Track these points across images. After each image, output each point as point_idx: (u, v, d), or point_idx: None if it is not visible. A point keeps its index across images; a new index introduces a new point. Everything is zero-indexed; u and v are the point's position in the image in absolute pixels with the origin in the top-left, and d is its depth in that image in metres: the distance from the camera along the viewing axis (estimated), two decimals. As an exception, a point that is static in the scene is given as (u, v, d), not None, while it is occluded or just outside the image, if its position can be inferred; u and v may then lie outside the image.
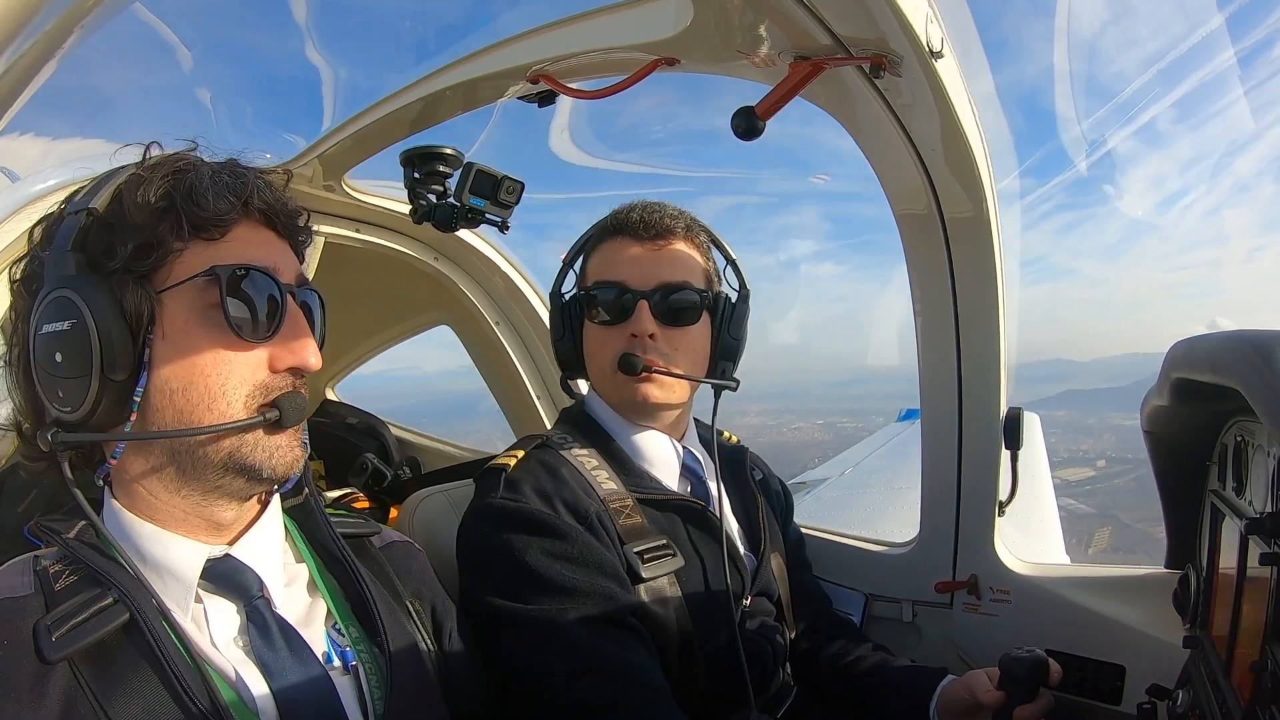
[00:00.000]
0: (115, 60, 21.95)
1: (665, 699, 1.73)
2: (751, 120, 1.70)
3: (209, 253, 1.27)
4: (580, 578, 1.75)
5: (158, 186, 1.25)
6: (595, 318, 2.07)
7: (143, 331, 1.23)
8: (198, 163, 1.31)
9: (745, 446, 2.45)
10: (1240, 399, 1.30)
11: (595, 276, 2.09)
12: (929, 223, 2.16)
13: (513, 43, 2.05)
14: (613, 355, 2.00)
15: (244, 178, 1.32)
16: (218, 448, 1.25)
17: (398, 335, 4.34)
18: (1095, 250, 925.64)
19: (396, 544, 1.67)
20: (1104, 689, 2.14)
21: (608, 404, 2.11)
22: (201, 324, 1.25)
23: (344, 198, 2.85)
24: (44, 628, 1.14)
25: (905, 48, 1.65)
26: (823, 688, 2.23)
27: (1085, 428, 73.40)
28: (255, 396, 1.27)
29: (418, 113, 2.30)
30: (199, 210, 1.25)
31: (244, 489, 1.31)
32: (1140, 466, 18.46)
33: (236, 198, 1.29)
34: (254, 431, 1.27)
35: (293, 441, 1.33)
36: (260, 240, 1.34)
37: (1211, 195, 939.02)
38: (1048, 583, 2.34)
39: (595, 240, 2.14)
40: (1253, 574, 1.44)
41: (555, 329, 2.16)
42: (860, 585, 2.69)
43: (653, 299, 2.01)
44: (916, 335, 2.38)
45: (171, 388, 1.23)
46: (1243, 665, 1.41)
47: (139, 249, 1.23)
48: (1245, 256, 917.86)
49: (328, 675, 1.31)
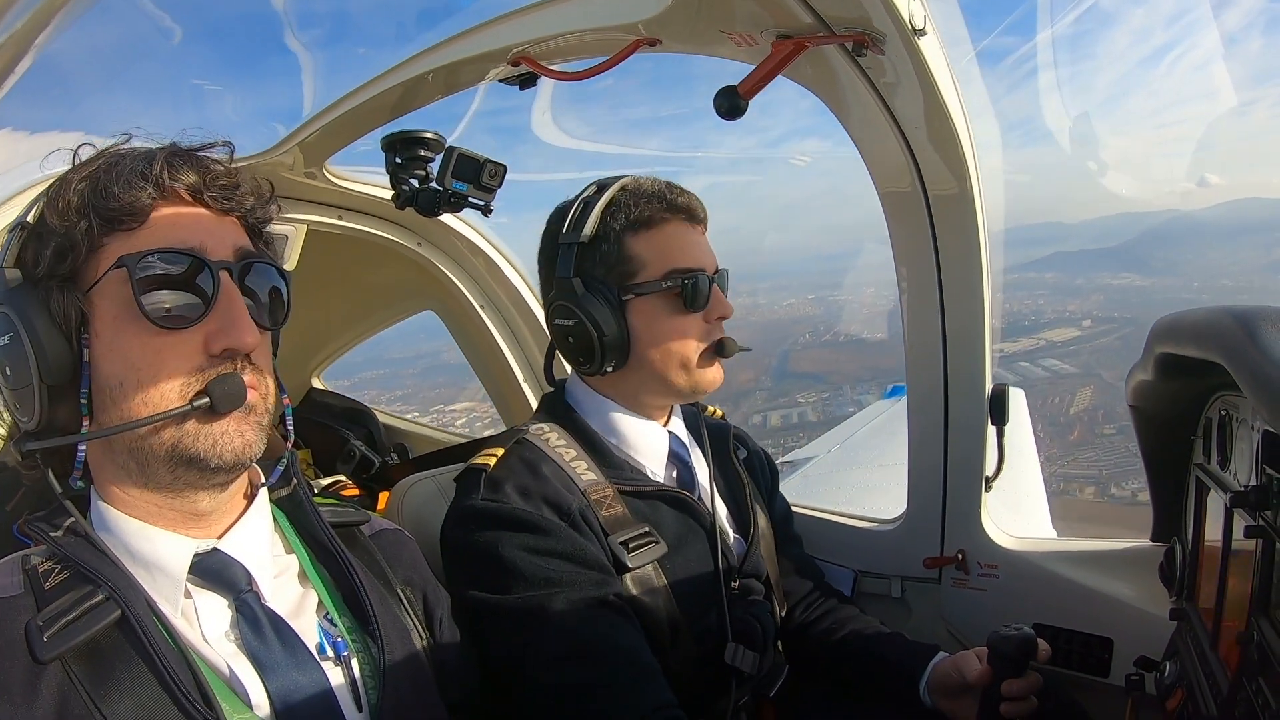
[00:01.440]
0: (92, 53, 21.70)
1: (655, 676, 1.74)
2: (734, 100, 1.69)
3: (127, 243, 1.24)
4: (564, 569, 1.75)
5: (75, 188, 1.24)
6: (688, 305, 1.98)
7: (75, 334, 1.22)
8: (121, 155, 1.29)
9: (729, 423, 2.45)
10: (1224, 373, 1.31)
11: (672, 263, 1.97)
12: (913, 200, 2.15)
13: (493, 25, 2.03)
14: (700, 342, 1.99)
15: (153, 159, 1.27)
16: (159, 440, 1.23)
17: (383, 321, 4.33)
18: (1082, 108, 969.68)
19: (386, 532, 1.67)
20: (1092, 661, 2.17)
21: (613, 396, 2.08)
22: (129, 318, 1.22)
23: (326, 184, 2.83)
24: (35, 627, 1.13)
25: (888, 25, 1.64)
26: (815, 665, 2.24)
27: (1073, 289, 73.48)
28: (191, 384, 1.23)
29: (398, 97, 2.28)
30: (107, 202, 1.22)
31: (200, 479, 1.28)
32: (1124, 325, 18.75)
33: (145, 180, 1.25)
34: (190, 421, 1.23)
35: (241, 426, 1.27)
36: (186, 221, 1.29)
37: (1200, 49, 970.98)
38: (1035, 557, 2.37)
39: (642, 220, 1.99)
40: (1238, 547, 1.45)
41: (598, 317, 1.94)
42: (849, 562, 2.71)
43: (717, 280, 2.03)
44: (901, 312, 2.38)
45: (110, 385, 1.22)
46: (1229, 637, 1.43)
47: (57, 253, 1.22)
48: (1236, 110, 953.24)
49: (320, 666, 1.31)
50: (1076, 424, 41.86)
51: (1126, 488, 32.38)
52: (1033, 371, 50.62)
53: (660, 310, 1.98)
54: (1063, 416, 43.74)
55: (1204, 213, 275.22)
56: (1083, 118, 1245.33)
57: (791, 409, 49.32)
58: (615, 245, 1.98)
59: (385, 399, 38.33)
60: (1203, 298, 65.13)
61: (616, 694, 1.68)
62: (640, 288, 1.97)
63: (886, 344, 28.79)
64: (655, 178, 2.06)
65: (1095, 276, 78.44)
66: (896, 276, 2.33)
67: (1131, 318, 17.30)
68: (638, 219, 1.99)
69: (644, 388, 2.05)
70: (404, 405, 37.18)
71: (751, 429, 2.87)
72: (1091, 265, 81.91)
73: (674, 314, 1.98)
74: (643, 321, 1.98)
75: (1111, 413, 39.78)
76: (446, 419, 31.74)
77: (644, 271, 1.98)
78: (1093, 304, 68.32)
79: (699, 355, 2.00)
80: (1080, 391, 43.89)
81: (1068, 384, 45.82)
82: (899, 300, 2.37)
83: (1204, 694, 1.48)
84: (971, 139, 2.01)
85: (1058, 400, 45.27)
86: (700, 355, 2.00)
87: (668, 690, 1.73)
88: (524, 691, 1.69)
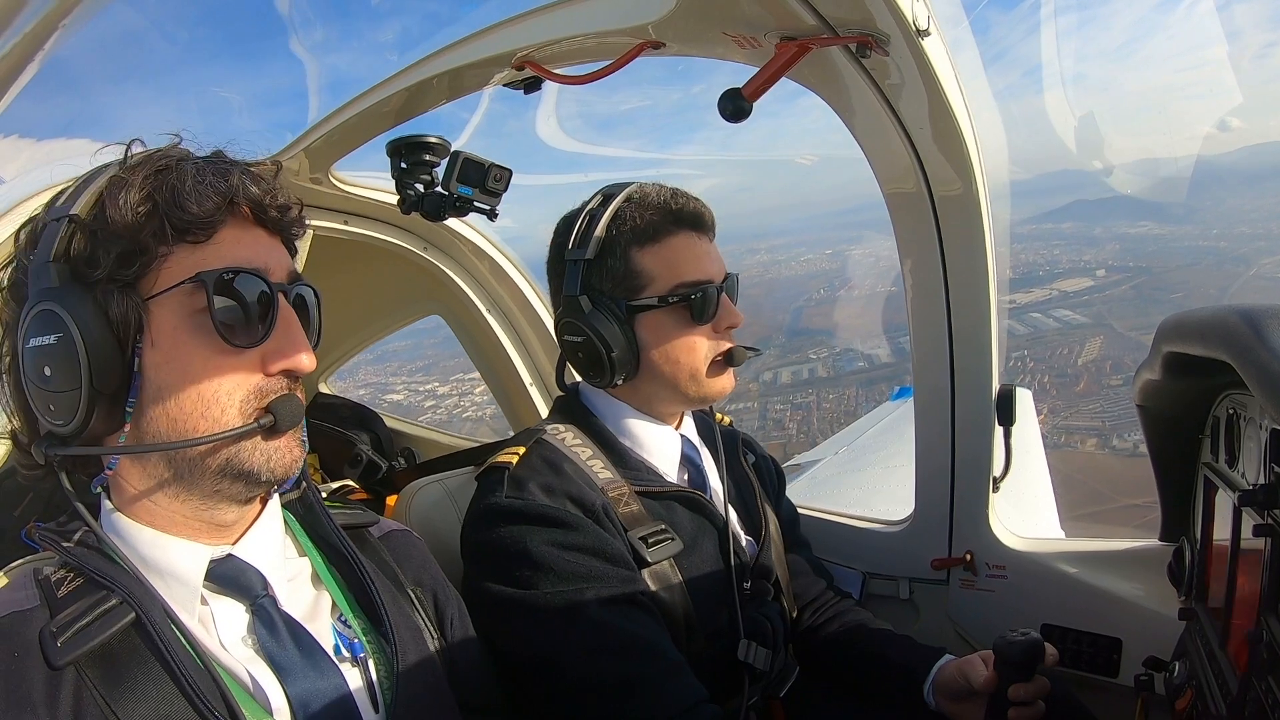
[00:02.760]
0: (99, 59, 21.72)
1: (685, 671, 1.75)
2: (739, 102, 1.69)
3: (196, 256, 1.23)
4: (593, 564, 1.76)
5: (139, 189, 1.21)
6: (696, 318, 1.97)
7: (131, 341, 1.21)
8: (181, 159, 1.27)
9: (738, 430, 2.45)
10: (1232, 372, 1.31)
11: (680, 277, 1.96)
12: (918, 201, 2.16)
13: (497, 30, 2.04)
14: (705, 354, 1.99)
15: (228, 174, 1.27)
16: (215, 455, 1.23)
17: (389, 326, 4.34)
18: (1100, 53, 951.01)
19: (395, 533, 1.67)
20: (1100, 661, 2.17)
21: (628, 401, 2.08)
22: (191, 330, 1.22)
23: (331, 190, 2.84)
24: (49, 634, 1.13)
25: (892, 27, 1.65)
26: (824, 667, 2.24)
27: (1090, 238, 72.44)
28: (250, 401, 1.24)
29: (403, 102, 2.29)
30: (182, 213, 1.20)
31: (243, 493, 1.29)
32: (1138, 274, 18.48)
33: (221, 197, 1.24)
34: (251, 438, 1.24)
35: (291, 443, 1.30)
36: (249, 239, 1.29)
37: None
38: (1043, 557, 2.36)
39: (649, 233, 1.97)
40: (1246, 546, 1.45)
41: (606, 334, 1.93)
42: (857, 564, 2.71)
43: (726, 290, 2.02)
44: (908, 313, 2.38)
45: (164, 396, 1.21)
46: (1238, 636, 1.42)
47: (122, 256, 1.19)
48: (1257, 52, 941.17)
49: (337, 668, 1.31)
50: (1084, 375, 41.43)
51: (1128, 440, 32.01)
52: (1044, 322, 49.86)
53: (668, 324, 1.98)
54: (1070, 368, 43.30)
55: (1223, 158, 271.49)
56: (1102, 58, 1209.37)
57: (802, 365, 49.00)
58: (621, 260, 1.97)
59: (408, 369, 38.17)
60: (1220, 245, 64.62)
61: (654, 688, 1.69)
62: (648, 302, 1.96)
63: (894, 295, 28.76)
64: (662, 185, 2.04)
65: (1113, 225, 77.51)
66: (902, 277, 2.33)
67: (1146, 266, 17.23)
68: (643, 232, 1.97)
69: (655, 396, 2.06)
70: (425, 376, 37.27)
71: (762, 385, 2.87)
72: (1111, 212, 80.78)
73: (682, 327, 1.98)
74: (651, 335, 1.98)
75: (1119, 364, 39.22)
76: (466, 387, 31.78)
77: (651, 286, 1.97)
78: (1108, 253, 67.31)
79: (708, 365, 2.00)
80: (1090, 342, 43.23)
81: (1078, 334, 45.28)
82: (905, 301, 2.37)
83: (1213, 693, 1.48)
84: (977, 139, 2.01)
85: (1066, 351, 44.85)
86: (710, 365, 2.00)
87: (698, 685, 1.75)
88: (556, 687, 1.70)
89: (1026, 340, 47.37)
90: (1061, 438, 33.83)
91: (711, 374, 2.01)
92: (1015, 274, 49.38)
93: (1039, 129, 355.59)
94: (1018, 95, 64.17)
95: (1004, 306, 2.28)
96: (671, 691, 1.71)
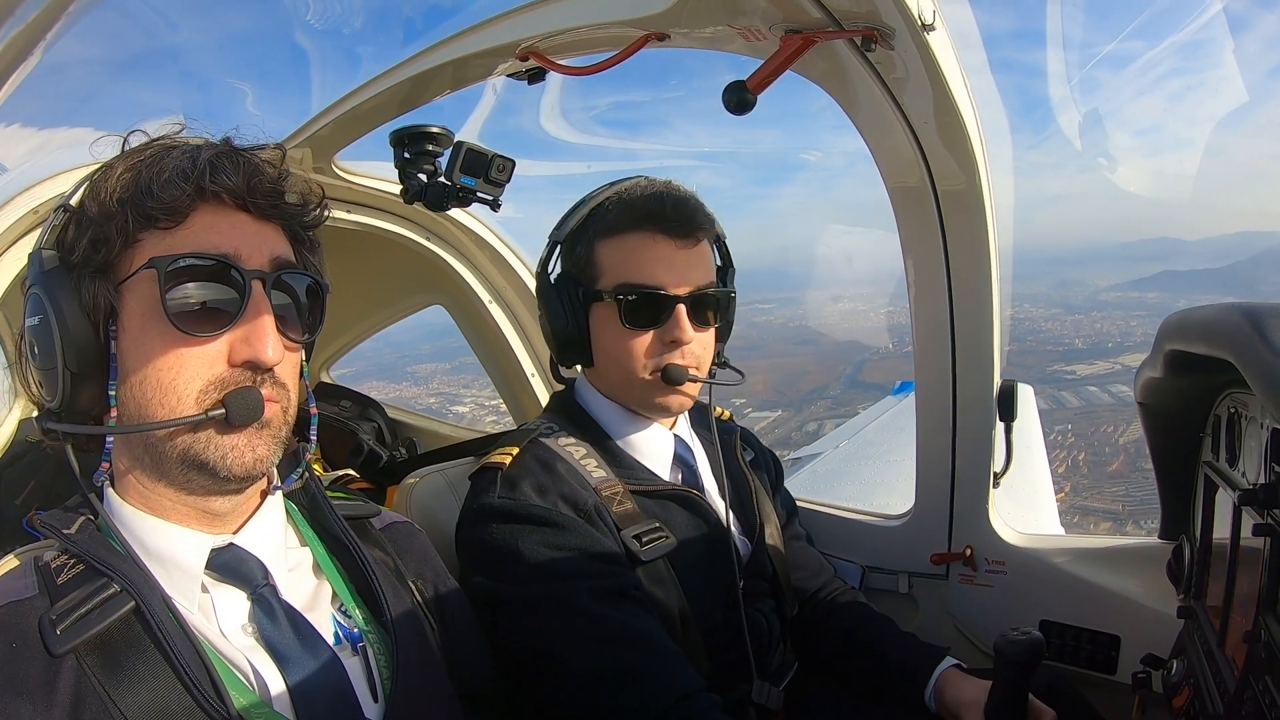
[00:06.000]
0: (102, 48, 21.61)
1: (683, 660, 1.76)
2: (743, 94, 1.69)
3: (165, 242, 1.23)
4: (584, 563, 1.77)
5: (119, 177, 1.23)
6: (626, 321, 1.93)
7: (103, 325, 1.23)
8: (170, 147, 1.27)
9: (736, 425, 2.45)
10: (1233, 371, 1.31)
11: (625, 276, 1.93)
12: (922, 195, 2.15)
13: (502, 20, 2.03)
14: (648, 362, 1.94)
15: (196, 158, 1.25)
16: (173, 444, 1.23)
17: (391, 316, 4.33)
18: (1211, 118, 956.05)
19: (397, 525, 1.67)
20: (1099, 658, 2.17)
21: (609, 397, 2.07)
22: (154, 317, 1.21)
23: (334, 179, 2.84)
24: (48, 621, 1.13)
25: (897, 20, 1.64)
26: (824, 662, 2.24)
27: (1171, 309, 73.14)
28: (210, 392, 1.22)
29: (407, 92, 2.29)
30: (146, 200, 1.21)
31: (212, 485, 1.27)
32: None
33: (186, 180, 1.22)
34: (204, 429, 1.23)
35: (253, 441, 1.26)
36: (224, 225, 1.27)
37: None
38: (1042, 554, 2.36)
39: (612, 226, 1.96)
40: (1246, 545, 1.45)
41: (554, 312, 1.99)
42: (856, 557, 2.71)
43: (687, 303, 1.93)
44: (910, 308, 2.38)
45: (131, 382, 1.22)
46: (1236, 635, 1.43)
47: (94, 242, 1.22)
48: None
49: (336, 657, 1.31)
50: (1121, 454, 41.15)
51: (1144, 527, 31.75)
52: (1099, 397, 49.69)
53: (611, 321, 1.95)
54: (1108, 445, 43.06)
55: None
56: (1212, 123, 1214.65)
57: (847, 419, 48.70)
58: (586, 248, 1.98)
59: (479, 383, 38.28)
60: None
61: (652, 677, 1.70)
62: (596, 295, 1.95)
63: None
64: (657, 181, 2.02)
65: (1196, 298, 77.19)
66: (905, 272, 2.33)
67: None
68: (609, 225, 1.96)
69: (623, 393, 2.05)
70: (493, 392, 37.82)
71: (805, 436, 2.86)
72: (1197, 286, 79.77)
73: (622, 328, 1.95)
74: (599, 328, 1.98)
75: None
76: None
77: (602, 279, 1.96)
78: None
79: (647, 374, 1.95)
80: (1137, 421, 43.42)
81: (1128, 412, 45.00)
82: (907, 296, 2.37)
83: (1211, 692, 1.48)
84: (981, 134, 2.00)
85: (1110, 429, 44.60)
86: (648, 374, 1.95)
87: (697, 674, 1.75)
88: (556, 680, 1.71)
89: (1075, 414, 47.45)
90: (1074, 518, 33.56)
91: (652, 385, 1.96)
92: (1084, 344, 49.02)
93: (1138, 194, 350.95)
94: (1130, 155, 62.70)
95: (1005, 301, 2.28)
96: (670, 680, 1.71)
